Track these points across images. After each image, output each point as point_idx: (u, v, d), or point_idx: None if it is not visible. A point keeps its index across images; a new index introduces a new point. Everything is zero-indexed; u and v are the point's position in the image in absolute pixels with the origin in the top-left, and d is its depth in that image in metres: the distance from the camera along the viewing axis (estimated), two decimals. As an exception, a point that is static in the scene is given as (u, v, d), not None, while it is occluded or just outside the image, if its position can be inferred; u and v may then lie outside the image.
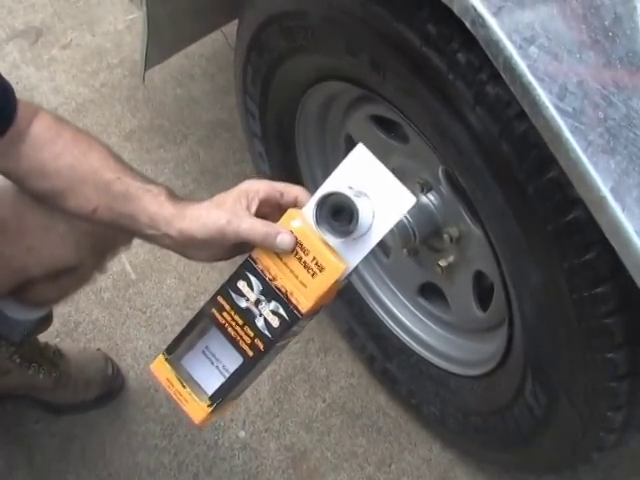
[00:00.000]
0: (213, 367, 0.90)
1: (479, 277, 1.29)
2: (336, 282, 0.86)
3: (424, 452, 1.57)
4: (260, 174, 1.60)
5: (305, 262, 0.86)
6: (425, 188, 1.26)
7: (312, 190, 0.91)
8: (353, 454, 1.57)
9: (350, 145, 1.41)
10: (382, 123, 1.32)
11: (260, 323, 0.88)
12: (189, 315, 0.94)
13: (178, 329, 0.95)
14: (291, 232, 0.87)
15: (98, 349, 1.66)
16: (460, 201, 1.21)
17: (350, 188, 0.86)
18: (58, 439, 1.58)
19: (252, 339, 0.88)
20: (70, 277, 1.22)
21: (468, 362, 1.37)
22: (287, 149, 1.48)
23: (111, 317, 1.73)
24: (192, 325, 0.93)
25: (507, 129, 0.92)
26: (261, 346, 0.89)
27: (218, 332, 0.90)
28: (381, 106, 1.22)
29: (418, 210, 1.27)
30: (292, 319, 0.87)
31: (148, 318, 1.74)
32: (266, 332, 0.88)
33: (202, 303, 0.93)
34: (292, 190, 0.92)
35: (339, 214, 0.85)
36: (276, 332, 0.88)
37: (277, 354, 0.93)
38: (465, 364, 1.38)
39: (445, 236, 1.27)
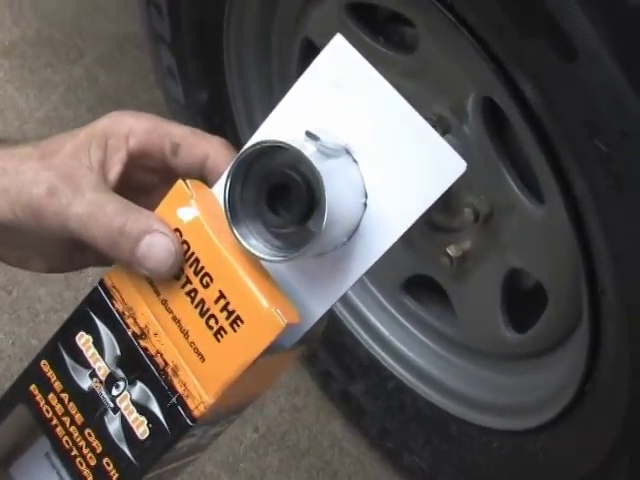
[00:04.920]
0: None
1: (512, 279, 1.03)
2: (268, 351, 0.49)
3: (397, 508, 1.35)
4: (171, 103, 1.36)
5: (203, 303, 0.50)
6: (440, 128, 0.98)
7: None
8: (297, 510, 1.35)
9: (308, 55, 1.15)
10: (366, 19, 1.02)
11: (114, 426, 0.54)
12: (70, 299, 0.73)
13: (54, 318, 0.74)
14: (176, 232, 0.52)
15: None
16: (504, 155, 0.92)
17: (311, 137, 0.48)
18: None
19: (99, 458, 0.54)
20: None
21: (482, 404, 1.10)
22: (210, 62, 1.24)
23: (-39, 299, 1.57)
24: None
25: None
26: (115, 476, 0.54)
27: (42, 433, 0.58)
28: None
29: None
30: (176, 427, 0.52)
31: (14, 301, 1.56)
32: (125, 448, 0.53)
33: (90, 280, 0.76)
34: (200, 142, 0.58)
35: (284, 197, 0.48)
36: (145, 451, 0.53)
37: None
38: (476, 406, 1.11)
39: (466, 210, 0.99)
